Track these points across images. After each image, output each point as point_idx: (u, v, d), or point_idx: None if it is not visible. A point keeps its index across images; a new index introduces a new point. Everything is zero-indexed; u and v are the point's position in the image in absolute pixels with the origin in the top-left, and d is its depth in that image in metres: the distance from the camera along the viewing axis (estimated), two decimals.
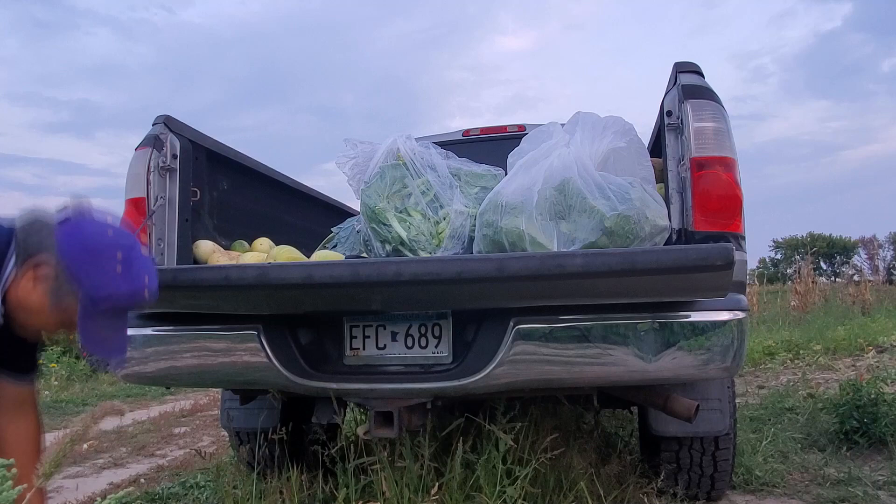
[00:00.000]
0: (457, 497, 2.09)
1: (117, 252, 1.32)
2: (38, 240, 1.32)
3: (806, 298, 10.10)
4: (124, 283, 1.33)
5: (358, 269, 1.64)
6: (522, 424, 2.21)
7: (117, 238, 1.36)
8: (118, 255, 1.32)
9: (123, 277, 1.33)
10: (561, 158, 2.02)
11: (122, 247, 1.34)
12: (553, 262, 1.52)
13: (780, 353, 6.52)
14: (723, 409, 2.33)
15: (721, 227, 1.93)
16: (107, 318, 1.34)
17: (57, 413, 5.63)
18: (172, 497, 2.99)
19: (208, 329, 2.04)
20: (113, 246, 1.33)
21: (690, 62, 2.13)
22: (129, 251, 1.35)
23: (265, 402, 2.61)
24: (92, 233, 1.34)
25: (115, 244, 1.34)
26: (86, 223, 1.36)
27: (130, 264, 1.34)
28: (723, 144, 1.96)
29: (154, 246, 2.25)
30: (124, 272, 1.33)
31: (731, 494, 2.67)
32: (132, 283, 1.34)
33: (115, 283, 1.32)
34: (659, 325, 1.75)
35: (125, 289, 1.33)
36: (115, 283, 1.32)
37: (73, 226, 1.34)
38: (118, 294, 1.33)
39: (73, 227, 1.34)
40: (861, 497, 2.51)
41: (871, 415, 3.19)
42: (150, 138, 2.27)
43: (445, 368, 1.93)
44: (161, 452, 4.21)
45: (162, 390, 6.91)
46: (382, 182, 2.28)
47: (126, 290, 1.34)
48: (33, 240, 1.32)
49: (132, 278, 1.34)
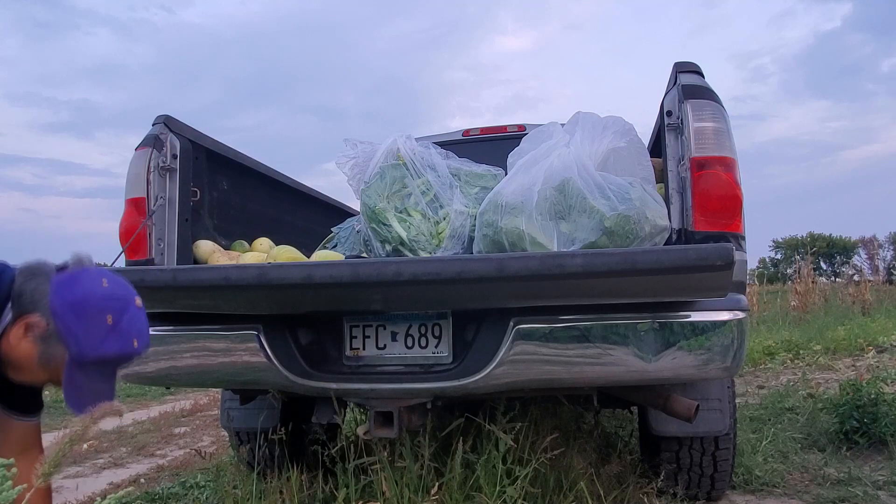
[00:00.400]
0: (457, 497, 2.09)
1: (108, 315, 1.32)
2: (32, 295, 1.31)
3: (806, 298, 10.09)
4: (113, 346, 1.33)
5: (358, 269, 1.64)
6: (522, 424, 2.21)
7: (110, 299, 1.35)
8: (108, 318, 1.32)
9: (113, 339, 1.32)
10: (561, 158, 2.02)
11: (113, 310, 1.33)
12: (553, 262, 1.52)
13: (780, 353, 6.52)
14: (723, 409, 2.32)
15: (721, 227, 1.93)
16: (94, 376, 1.34)
17: (57, 413, 5.62)
18: (172, 497, 2.99)
19: (208, 329, 2.04)
20: (104, 309, 1.32)
21: (690, 62, 2.13)
22: (120, 314, 1.34)
23: (265, 402, 2.61)
24: (85, 292, 1.33)
25: (107, 307, 1.33)
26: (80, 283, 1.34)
27: (120, 327, 1.33)
28: (723, 144, 1.96)
29: (154, 246, 2.25)
30: (114, 334, 1.32)
31: (731, 494, 2.67)
32: (121, 345, 1.34)
33: (103, 345, 1.31)
34: (659, 325, 1.75)
35: (113, 351, 1.33)
36: (104, 346, 1.32)
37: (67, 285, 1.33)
38: (106, 356, 1.33)
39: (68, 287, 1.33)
40: (861, 497, 2.51)
41: (871, 415, 3.19)
42: (150, 138, 2.27)
43: (445, 368, 1.93)
44: (161, 452, 4.21)
45: (162, 390, 6.90)
46: (382, 182, 2.28)
47: (113, 351, 1.34)
48: (28, 294, 1.32)
49: (122, 341, 1.34)
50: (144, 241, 2.22)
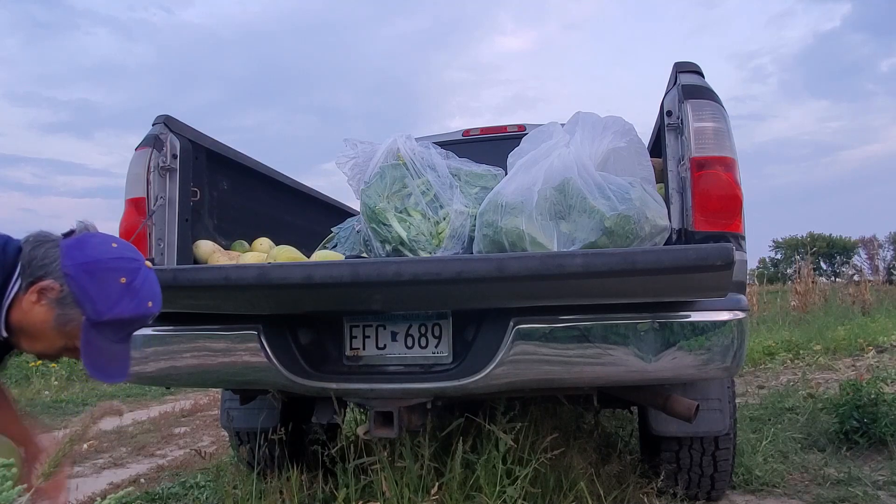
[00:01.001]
0: (457, 497, 2.09)
1: (121, 276, 1.33)
2: (42, 260, 1.32)
3: (806, 298, 10.10)
4: (128, 306, 1.33)
5: (358, 269, 1.64)
6: (522, 424, 2.21)
7: (121, 260, 1.36)
8: (122, 279, 1.33)
9: (127, 300, 1.33)
10: (561, 158, 2.02)
11: (126, 270, 1.34)
12: (553, 262, 1.52)
13: (780, 353, 6.52)
14: (723, 409, 2.32)
15: (721, 227, 1.93)
16: (109, 341, 1.35)
17: (57, 413, 5.63)
18: (172, 497, 2.99)
19: (208, 329, 2.04)
20: (117, 269, 1.33)
21: (690, 62, 2.13)
22: (132, 274, 1.35)
23: (265, 402, 2.61)
24: (96, 255, 1.34)
25: (119, 267, 1.34)
26: (90, 245, 1.35)
27: (134, 287, 1.34)
28: (723, 144, 1.96)
29: (154, 246, 2.25)
30: (128, 295, 1.33)
31: (731, 494, 2.67)
32: (136, 306, 1.35)
33: (118, 306, 1.32)
34: (659, 325, 1.75)
35: (129, 312, 1.34)
36: (119, 307, 1.32)
37: (77, 248, 1.34)
38: (122, 317, 1.33)
39: (78, 249, 1.34)
40: (861, 497, 2.51)
41: (871, 415, 3.19)
42: (150, 138, 2.27)
43: (445, 368, 1.93)
44: (161, 452, 4.21)
45: (162, 390, 6.90)
46: (382, 182, 2.28)
47: (129, 313, 1.34)
48: (38, 260, 1.32)
49: (136, 301, 1.34)
50: (144, 241, 2.22)
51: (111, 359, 1.34)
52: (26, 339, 1.38)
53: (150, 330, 2.05)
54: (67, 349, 1.39)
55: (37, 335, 1.36)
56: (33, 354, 1.46)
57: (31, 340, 1.38)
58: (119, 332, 1.36)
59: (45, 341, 1.37)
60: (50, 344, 1.38)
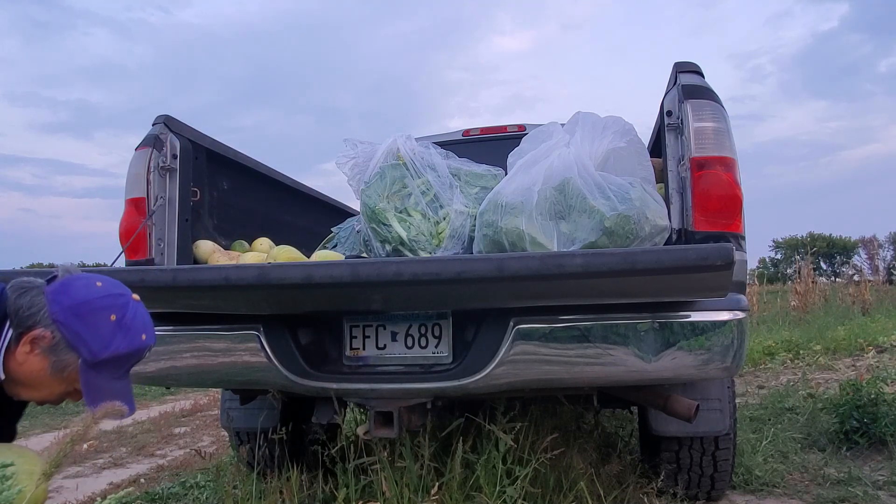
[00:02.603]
0: (457, 497, 2.09)
1: (111, 314, 1.33)
2: (29, 309, 1.31)
3: (806, 298, 10.09)
4: (122, 342, 1.33)
5: (358, 269, 1.64)
6: (522, 424, 2.21)
7: (109, 297, 1.35)
8: (112, 316, 1.32)
9: (121, 336, 1.33)
10: (561, 158, 2.02)
11: (115, 307, 1.34)
12: (553, 262, 1.52)
13: (780, 353, 6.51)
14: (723, 409, 2.32)
15: (721, 227, 1.93)
16: (110, 379, 1.34)
17: (57, 413, 5.62)
18: (172, 497, 2.99)
19: (208, 329, 2.04)
20: (106, 308, 1.33)
21: (690, 62, 2.13)
22: (122, 310, 1.34)
23: (265, 402, 2.61)
24: (83, 297, 1.33)
25: (108, 305, 1.33)
26: (75, 287, 1.34)
27: (126, 323, 1.34)
28: (723, 144, 1.96)
29: (154, 246, 2.25)
30: (121, 331, 1.33)
31: (731, 494, 2.67)
32: (130, 341, 1.35)
33: (113, 343, 1.32)
34: (659, 325, 1.75)
35: (124, 348, 1.34)
36: (114, 344, 1.32)
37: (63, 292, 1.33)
38: (118, 353, 1.33)
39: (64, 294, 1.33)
40: (861, 497, 2.51)
41: (871, 415, 3.19)
42: (150, 138, 2.27)
43: (445, 368, 1.93)
44: (161, 452, 4.21)
45: (162, 390, 6.90)
46: (382, 182, 2.28)
47: (125, 349, 1.34)
48: (25, 310, 1.31)
49: (130, 336, 1.34)
50: (144, 241, 2.22)
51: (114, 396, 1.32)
52: (25, 390, 1.37)
53: None
54: (68, 393, 1.38)
55: (35, 384, 1.35)
56: (35, 403, 1.45)
57: (29, 390, 1.37)
58: (118, 370, 1.36)
59: (44, 389, 1.37)
60: (50, 391, 1.37)
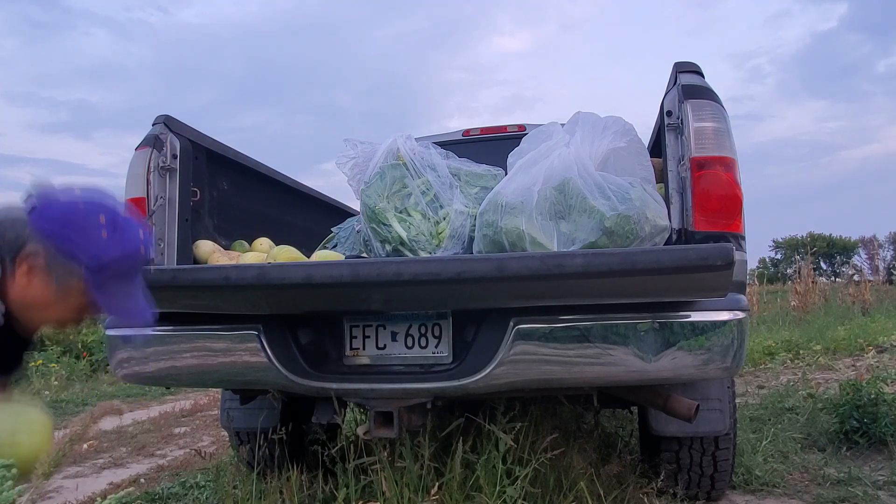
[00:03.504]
0: (457, 497, 2.09)
1: (99, 216, 1.28)
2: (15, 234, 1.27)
3: (806, 298, 10.10)
4: (119, 244, 1.29)
5: (358, 269, 1.64)
6: (522, 424, 2.21)
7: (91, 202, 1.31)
8: (101, 218, 1.28)
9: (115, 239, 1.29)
10: (561, 158, 2.02)
11: (101, 208, 1.30)
12: (553, 262, 1.52)
13: (780, 353, 6.52)
14: (723, 409, 2.32)
15: (721, 227, 1.93)
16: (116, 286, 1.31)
17: (57, 413, 5.62)
18: (172, 497, 2.99)
19: (208, 329, 2.04)
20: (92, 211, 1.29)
21: (690, 62, 2.13)
22: (110, 211, 1.31)
23: (265, 402, 2.61)
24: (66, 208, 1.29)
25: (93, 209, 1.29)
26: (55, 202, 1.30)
27: (117, 225, 1.30)
28: (723, 144, 1.96)
29: (154, 246, 2.25)
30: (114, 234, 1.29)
31: (731, 494, 2.67)
32: (126, 242, 1.31)
33: (109, 247, 1.28)
34: (659, 325, 1.75)
35: (122, 250, 1.30)
36: (112, 244, 1.28)
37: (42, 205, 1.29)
38: (117, 257, 1.29)
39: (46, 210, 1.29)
40: (861, 497, 2.51)
41: (871, 415, 3.19)
42: (150, 138, 2.27)
43: (445, 368, 1.93)
44: (161, 452, 4.21)
45: (162, 390, 6.90)
46: (382, 182, 2.28)
47: (123, 251, 1.30)
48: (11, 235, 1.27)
49: (124, 238, 1.31)
50: None
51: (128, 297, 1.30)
52: (37, 313, 1.34)
53: (150, 330, 2.05)
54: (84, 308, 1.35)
55: (45, 305, 1.32)
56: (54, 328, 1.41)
57: (43, 312, 1.34)
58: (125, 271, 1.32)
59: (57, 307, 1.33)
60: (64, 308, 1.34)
